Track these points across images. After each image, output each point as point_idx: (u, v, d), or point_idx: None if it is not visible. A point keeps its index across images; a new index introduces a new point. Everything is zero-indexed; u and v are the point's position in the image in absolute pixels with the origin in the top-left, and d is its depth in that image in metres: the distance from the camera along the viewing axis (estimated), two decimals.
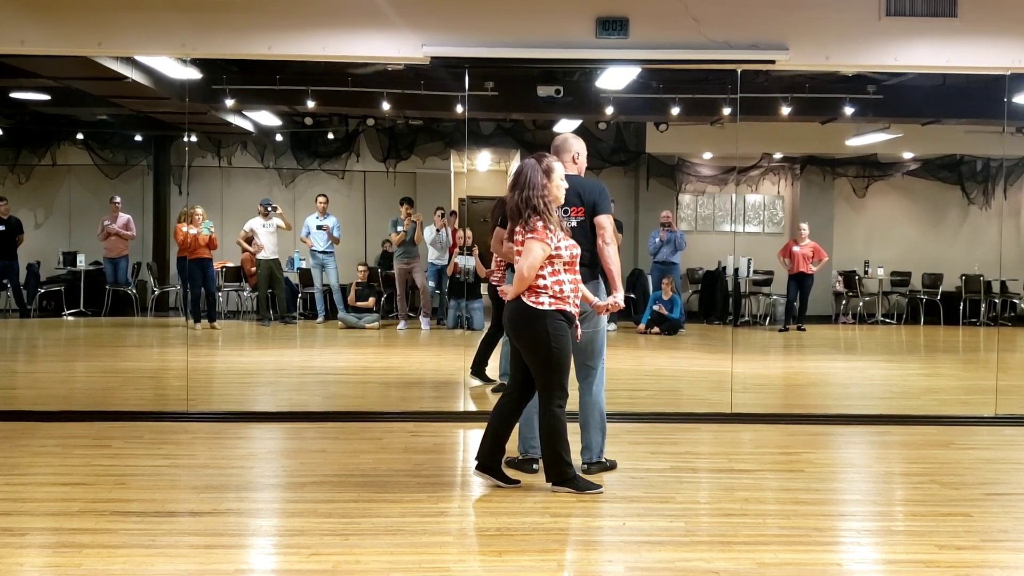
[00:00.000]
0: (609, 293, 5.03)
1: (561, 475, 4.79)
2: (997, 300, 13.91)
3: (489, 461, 4.92)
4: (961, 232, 14.84)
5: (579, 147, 5.28)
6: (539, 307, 4.65)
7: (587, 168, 5.39)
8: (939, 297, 14.00)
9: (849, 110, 11.49)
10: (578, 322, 4.82)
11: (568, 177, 4.98)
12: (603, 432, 5.20)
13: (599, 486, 4.85)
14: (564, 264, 4.70)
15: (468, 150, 14.68)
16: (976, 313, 13.98)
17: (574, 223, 5.06)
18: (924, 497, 4.92)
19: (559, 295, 4.67)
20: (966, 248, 14.36)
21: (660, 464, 5.44)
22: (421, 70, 9.67)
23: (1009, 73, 7.03)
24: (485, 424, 6.61)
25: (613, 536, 4.22)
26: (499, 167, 17.44)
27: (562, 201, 4.86)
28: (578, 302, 4.80)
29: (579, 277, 4.81)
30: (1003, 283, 13.60)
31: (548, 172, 4.76)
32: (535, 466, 5.12)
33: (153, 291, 13.43)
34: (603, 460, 5.21)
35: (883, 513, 4.73)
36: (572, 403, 4.96)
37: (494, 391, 7.48)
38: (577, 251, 4.77)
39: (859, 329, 13.93)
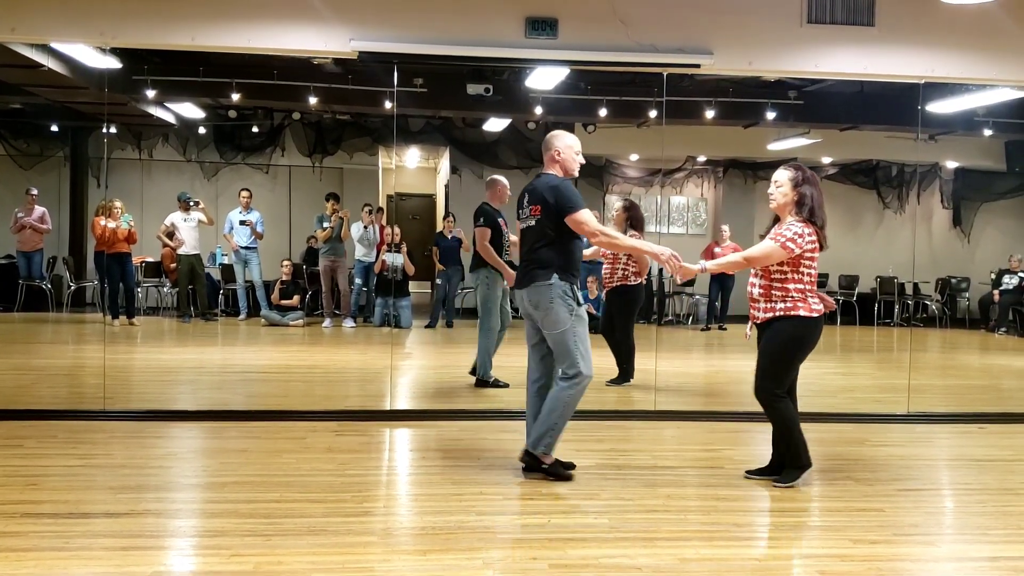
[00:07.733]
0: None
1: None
2: (910, 301, 14.37)
3: None
4: (876, 235, 15.28)
5: (559, 144, 5.40)
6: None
7: (515, 167, 5.39)
8: (855, 298, 14.38)
9: (771, 115, 11.75)
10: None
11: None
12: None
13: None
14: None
15: (396, 146, 14.60)
16: (890, 314, 14.41)
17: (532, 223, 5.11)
18: (839, 493, 5.06)
19: None
20: (881, 251, 14.76)
21: (585, 461, 5.47)
22: (349, 64, 9.57)
23: (923, 82, 7.26)
24: (411, 421, 6.62)
25: (538, 533, 4.23)
26: (428, 164, 17.35)
27: None
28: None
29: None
30: (915, 285, 14.06)
31: None
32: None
33: (69, 286, 13.06)
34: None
35: (800, 508, 4.84)
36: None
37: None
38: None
39: None
